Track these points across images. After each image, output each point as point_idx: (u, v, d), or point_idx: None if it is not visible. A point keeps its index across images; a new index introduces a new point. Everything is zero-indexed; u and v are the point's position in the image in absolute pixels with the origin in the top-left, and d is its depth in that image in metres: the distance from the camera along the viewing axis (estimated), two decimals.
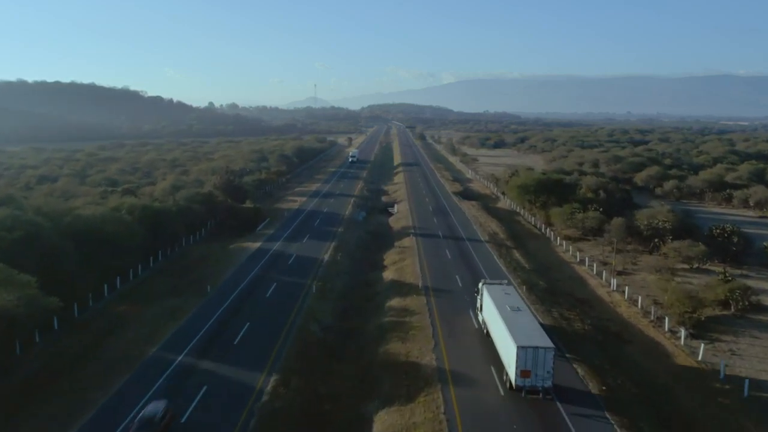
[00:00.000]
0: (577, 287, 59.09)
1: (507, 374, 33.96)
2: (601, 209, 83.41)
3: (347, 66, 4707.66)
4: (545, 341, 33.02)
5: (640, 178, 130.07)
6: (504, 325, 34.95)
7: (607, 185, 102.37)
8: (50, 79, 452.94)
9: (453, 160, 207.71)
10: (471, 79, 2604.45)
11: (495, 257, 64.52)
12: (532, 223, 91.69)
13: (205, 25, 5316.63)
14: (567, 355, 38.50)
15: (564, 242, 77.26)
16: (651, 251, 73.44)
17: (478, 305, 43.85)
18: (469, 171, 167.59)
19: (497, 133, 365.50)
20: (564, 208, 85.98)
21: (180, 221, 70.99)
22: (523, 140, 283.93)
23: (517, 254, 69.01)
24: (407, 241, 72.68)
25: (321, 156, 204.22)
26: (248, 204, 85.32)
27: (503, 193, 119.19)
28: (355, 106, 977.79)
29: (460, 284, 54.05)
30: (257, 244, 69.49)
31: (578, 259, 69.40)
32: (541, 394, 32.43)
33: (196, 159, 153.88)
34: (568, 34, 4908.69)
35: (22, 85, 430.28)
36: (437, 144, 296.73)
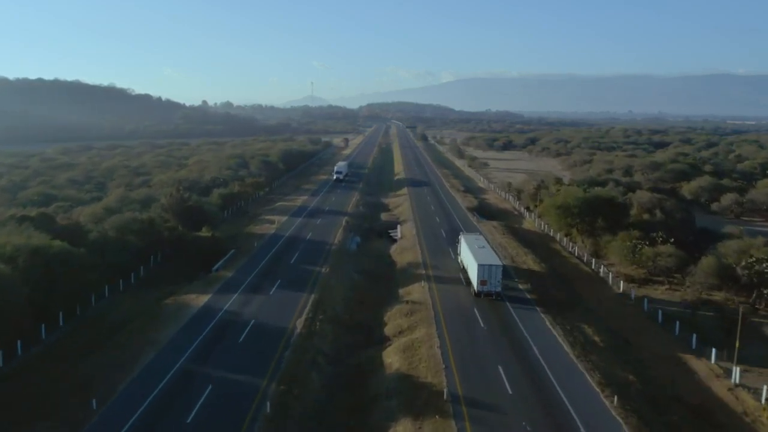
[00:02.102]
0: (682, 380, 38.56)
1: (472, 286, 50.73)
2: (672, 240, 62.98)
3: (346, 65, 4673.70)
4: (496, 261, 50.80)
5: (688, 189, 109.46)
6: (472, 255, 51.34)
7: (663, 203, 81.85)
8: (47, 78, 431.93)
9: (460, 164, 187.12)
10: (470, 78, 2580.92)
11: (549, 325, 43.93)
12: (575, 254, 71.15)
13: (204, 24, 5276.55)
14: None
15: (627, 286, 56.87)
16: (754, 305, 53.08)
17: (459, 251, 59.15)
18: (481, 178, 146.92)
19: (503, 133, 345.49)
20: (620, 237, 65.55)
21: (97, 265, 50.42)
22: (533, 141, 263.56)
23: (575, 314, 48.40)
24: (417, 291, 52.02)
25: (313, 159, 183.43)
26: (205, 232, 64.56)
27: (528, 209, 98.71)
28: (353, 105, 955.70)
29: (510, 390, 33.47)
30: (204, 299, 48.80)
31: (660, 320, 48.95)
32: (494, 296, 49.42)
33: (166, 165, 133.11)
34: (567, 33, 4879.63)
35: (3, 82, 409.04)
36: (440, 145, 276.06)
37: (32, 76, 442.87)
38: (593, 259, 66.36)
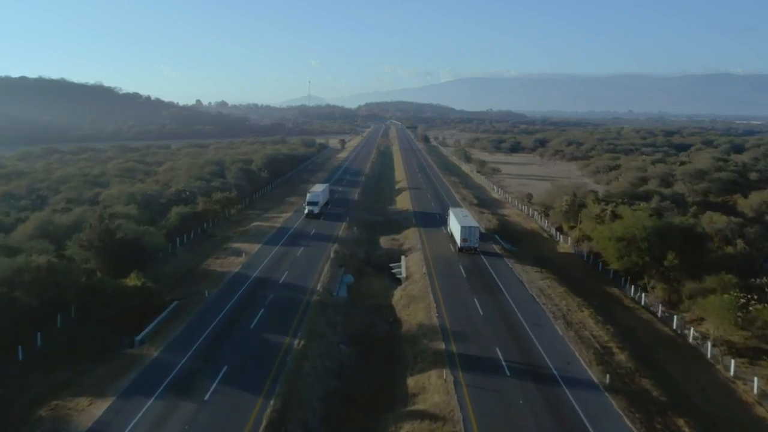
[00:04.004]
0: None
1: (456, 244, 65.70)
2: None
3: (345, 64, 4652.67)
4: (475, 224, 66.27)
5: (748, 205, 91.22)
6: (458, 222, 65.89)
7: (744, 229, 63.80)
8: (31, 76, 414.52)
9: (467, 169, 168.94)
10: (469, 77, 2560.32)
11: None
12: (641, 301, 52.96)
13: (203, 22, 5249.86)
14: None
15: (732, 362, 38.89)
16: None
17: (448, 223, 74.95)
18: (494, 187, 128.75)
19: (508, 133, 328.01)
20: (708, 281, 47.55)
21: None
22: (542, 143, 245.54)
23: None
24: (436, 389, 33.66)
25: (305, 164, 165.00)
26: (134, 279, 46.23)
27: (561, 231, 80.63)
28: (352, 104, 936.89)
29: None
30: (99, 410, 30.52)
31: None
32: (473, 251, 63.50)
33: (131, 173, 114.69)
34: (564, 33, 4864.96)
35: None
36: (443, 147, 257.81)
37: (15, 74, 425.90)
38: (674, 315, 48.14)
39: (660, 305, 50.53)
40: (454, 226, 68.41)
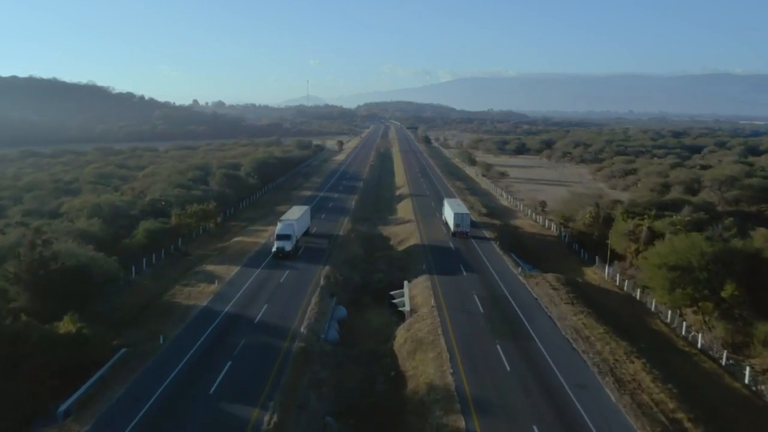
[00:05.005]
0: None
1: (450, 228, 73.59)
2: None
3: (345, 64, 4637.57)
4: (466, 211, 75.63)
5: None
6: (451, 209, 74.83)
7: None
8: (21, 75, 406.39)
9: (472, 173, 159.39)
10: (468, 77, 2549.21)
11: None
12: (694, 342, 43.44)
13: (202, 22, 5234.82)
14: None
15: None
16: None
17: (443, 212, 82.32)
18: (502, 193, 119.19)
19: (510, 134, 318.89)
20: None
21: None
22: (548, 145, 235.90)
23: None
24: None
25: (299, 168, 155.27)
26: (67, 324, 36.65)
27: (581, 245, 71.18)
28: (352, 104, 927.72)
29: None
30: None
31: None
32: (465, 235, 71.22)
33: (106, 179, 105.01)
34: (564, 33, 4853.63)
35: None
36: (445, 149, 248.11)
37: (5, 74, 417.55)
38: (745, 365, 38.57)
39: (724, 350, 41.01)
40: (448, 214, 76.07)
